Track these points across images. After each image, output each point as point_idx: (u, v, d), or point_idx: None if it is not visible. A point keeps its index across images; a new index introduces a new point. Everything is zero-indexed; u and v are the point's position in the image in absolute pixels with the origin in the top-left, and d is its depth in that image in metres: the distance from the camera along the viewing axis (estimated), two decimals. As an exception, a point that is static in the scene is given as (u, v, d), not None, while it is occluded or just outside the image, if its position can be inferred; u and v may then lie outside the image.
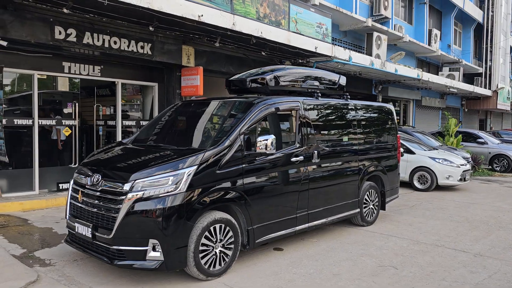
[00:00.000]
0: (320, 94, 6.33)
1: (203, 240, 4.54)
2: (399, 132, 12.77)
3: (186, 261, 4.43)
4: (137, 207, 4.28)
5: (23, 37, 7.05)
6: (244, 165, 4.94)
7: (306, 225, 5.86)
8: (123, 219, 4.29)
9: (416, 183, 11.42)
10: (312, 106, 6.07)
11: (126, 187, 4.35)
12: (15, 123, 7.98)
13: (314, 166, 5.92)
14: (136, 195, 4.30)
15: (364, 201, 7.03)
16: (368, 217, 7.15)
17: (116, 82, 9.53)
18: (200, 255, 4.52)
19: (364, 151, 6.96)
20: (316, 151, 5.93)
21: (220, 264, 4.75)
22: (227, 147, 4.79)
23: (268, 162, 5.23)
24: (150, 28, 8.29)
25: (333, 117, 6.53)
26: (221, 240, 4.72)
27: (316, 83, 6.68)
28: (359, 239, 6.41)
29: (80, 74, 8.81)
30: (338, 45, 14.11)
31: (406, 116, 22.88)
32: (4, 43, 6.86)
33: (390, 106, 8.00)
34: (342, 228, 6.99)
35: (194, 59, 9.90)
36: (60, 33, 7.47)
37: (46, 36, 7.31)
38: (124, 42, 8.46)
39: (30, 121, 8.12)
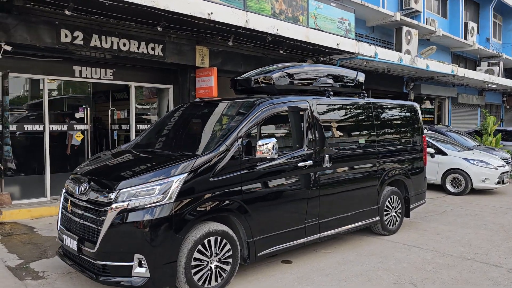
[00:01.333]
0: (331, 93, 5.81)
1: (196, 255, 4.15)
2: (430, 132, 12.07)
3: (175, 278, 4.05)
4: (121, 219, 3.93)
5: (27, 41, 6.93)
6: (242, 172, 4.52)
7: (317, 235, 5.36)
8: (107, 231, 3.96)
9: (448, 187, 10.62)
10: (322, 106, 5.57)
11: (111, 197, 4.02)
12: (26, 129, 7.90)
13: (326, 171, 5.42)
14: (121, 205, 3.95)
15: (385, 208, 6.44)
16: (390, 226, 6.55)
17: (129, 86, 9.34)
18: (193, 271, 4.14)
19: (384, 153, 6.37)
20: (327, 155, 5.42)
21: (216, 280, 4.34)
22: (223, 152, 4.39)
23: (270, 168, 4.77)
24: (159, 29, 8.01)
25: (348, 117, 6.00)
26: (217, 254, 4.32)
27: (330, 80, 6.17)
28: (378, 251, 5.84)
29: (91, 78, 8.66)
30: (364, 41, 13.44)
31: (442, 115, 21.74)
32: (9, 48, 6.75)
33: (414, 104, 7.35)
34: (361, 238, 6.43)
35: (208, 60, 9.57)
36: (66, 36, 7.31)
37: (51, 40, 7.16)
38: (134, 44, 8.23)
39: (41, 126, 8.02)
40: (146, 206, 3.94)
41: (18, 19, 6.82)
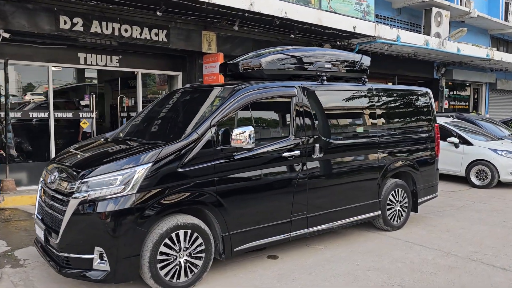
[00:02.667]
0: (325, 78, 5.41)
1: (162, 249, 3.95)
2: (456, 121, 11.30)
3: (138, 272, 3.87)
4: (81, 210, 3.78)
5: (25, 28, 6.91)
6: (217, 162, 4.25)
7: (305, 230, 5.03)
8: (68, 222, 3.82)
9: (473, 179, 9.92)
10: (313, 93, 5.19)
11: (73, 186, 3.88)
12: (31, 116, 7.96)
13: (316, 162, 5.06)
14: (82, 196, 3.80)
15: (389, 201, 6.00)
16: (393, 221, 6.11)
17: (136, 72, 9.24)
18: (160, 265, 3.94)
19: (386, 143, 5.92)
20: (317, 145, 5.06)
21: (186, 276, 4.13)
22: (193, 141, 4.13)
23: (250, 158, 4.48)
24: (158, 13, 7.81)
25: (344, 104, 5.58)
26: (186, 249, 4.10)
27: (328, 65, 5.74)
28: (376, 248, 5.45)
29: (97, 65, 8.61)
30: (389, 24, 12.73)
31: (478, 102, 20.53)
32: (7, 35, 6.75)
33: (426, 90, 6.79)
34: (361, 233, 6.04)
35: (216, 45, 9.30)
36: (65, 22, 7.24)
37: (50, 27, 7.11)
38: (136, 30, 8.08)
39: (46, 113, 8.07)
40: (107, 197, 3.76)
41: (16, 6, 6.80)
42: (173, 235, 4.01)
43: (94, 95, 8.71)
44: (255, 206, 4.57)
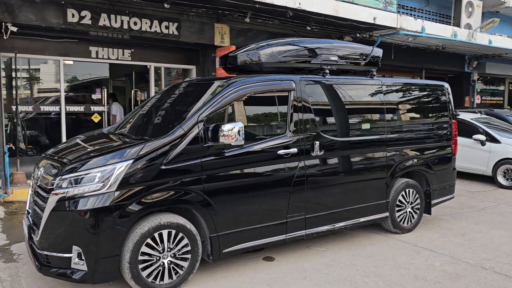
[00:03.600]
0: (327, 72, 5.11)
1: (144, 249, 3.81)
2: (484, 117, 10.64)
3: (117, 273, 3.74)
4: (60, 207, 3.68)
5: (32, 22, 6.92)
6: (204, 160, 4.06)
7: (303, 232, 4.78)
8: (47, 220, 3.73)
9: (500, 179, 9.31)
10: (314, 86, 4.90)
11: (53, 182, 3.78)
12: (42, 109, 8.02)
13: (315, 161, 4.79)
14: (61, 192, 3.69)
15: (398, 203, 5.65)
16: (403, 223, 5.75)
17: (148, 66, 9.17)
18: (141, 266, 3.80)
19: (396, 141, 5.56)
20: (317, 142, 4.78)
21: (171, 277, 3.98)
22: (179, 138, 3.95)
23: (240, 156, 4.26)
24: (166, 5, 7.66)
25: (349, 99, 5.24)
26: (170, 249, 3.94)
27: (334, 58, 5.43)
28: (380, 252, 5.13)
29: (108, 58, 8.59)
30: (415, 15, 12.14)
31: (514, 97, 19.43)
32: (15, 29, 6.78)
33: (442, 84, 6.35)
34: (368, 235, 5.72)
35: (229, 38, 9.09)
36: (73, 16, 7.21)
37: (58, 20, 7.10)
38: (146, 23, 7.98)
39: (58, 107, 8.11)
40: (85, 195, 3.64)
41: (23, 0, 6.81)
42: (156, 235, 3.86)
43: (105, 89, 8.69)
44: (246, 206, 4.35)
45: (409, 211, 5.80)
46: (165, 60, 9.40)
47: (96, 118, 8.56)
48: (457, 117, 10.16)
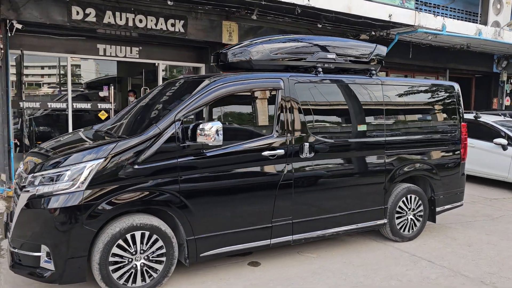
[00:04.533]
0: (320, 70, 4.87)
1: (115, 250, 3.71)
2: (508, 119, 10.05)
3: (86, 273, 3.65)
4: (30, 205, 3.62)
5: (37, 19, 6.98)
6: (181, 160, 3.92)
7: (289, 237, 4.57)
8: (18, 217, 3.69)
9: (522, 186, 8.77)
10: (304, 85, 4.68)
11: (25, 180, 3.74)
12: (49, 106, 8.11)
13: (304, 163, 4.57)
14: (32, 190, 3.64)
15: (398, 209, 5.35)
16: (404, 231, 5.44)
17: (156, 64, 9.13)
18: (112, 268, 3.70)
19: (395, 144, 5.26)
20: (307, 144, 4.56)
21: (144, 280, 3.86)
22: (154, 137, 3.83)
23: (220, 157, 4.10)
24: (169, 3, 7.58)
25: (343, 99, 4.99)
26: (144, 251, 3.82)
27: (332, 55, 5.19)
28: (374, 260, 4.85)
29: (116, 56, 8.60)
30: (434, 12, 11.63)
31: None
32: (19, 26, 6.85)
33: (451, 85, 5.97)
34: (365, 242, 5.45)
35: (237, 36, 8.94)
36: (77, 13, 7.24)
37: (62, 17, 7.14)
38: (151, 20, 7.93)
39: (64, 104, 8.18)
40: (54, 193, 3.57)
41: (28, -3, 6.89)
42: (128, 236, 3.75)
43: (112, 87, 8.71)
44: (227, 209, 4.18)
45: (411, 219, 5.49)
46: (174, 58, 9.34)
47: (103, 116, 8.59)
48: (478, 119, 9.67)
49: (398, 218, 5.37)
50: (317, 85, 4.80)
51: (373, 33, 10.27)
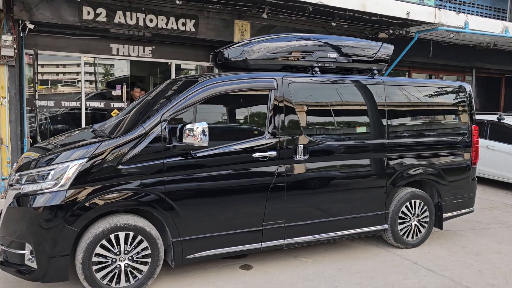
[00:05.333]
0: (317, 70, 4.73)
1: (99, 250, 3.71)
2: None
3: (68, 273, 3.67)
4: (15, 203, 3.68)
5: (49, 19, 7.13)
6: (167, 161, 3.88)
7: (281, 241, 4.46)
8: (5, 215, 3.76)
9: (547, 192, 8.30)
10: (299, 86, 4.55)
11: (12, 178, 3.80)
12: (63, 104, 8.28)
13: (298, 165, 4.45)
14: (17, 189, 3.70)
15: (401, 214, 5.14)
16: (407, 237, 5.23)
17: (169, 63, 9.17)
18: (95, 267, 3.71)
19: (398, 147, 5.05)
20: (301, 146, 4.43)
21: (128, 281, 3.85)
22: (139, 137, 3.81)
23: (208, 158, 4.04)
24: (178, 2, 7.57)
25: (342, 100, 4.82)
26: (128, 252, 3.81)
27: (333, 55, 5.04)
28: (372, 267, 4.68)
29: (129, 55, 8.68)
30: (459, 9, 11.17)
31: None
32: (31, 26, 7.01)
33: (461, 85, 5.68)
34: (366, 248, 5.27)
35: (249, 35, 8.85)
36: (88, 13, 7.35)
37: (73, 18, 7.27)
38: (162, 20, 7.96)
39: (78, 103, 8.33)
40: (38, 192, 3.60)
41: (40, -2, 7.04)
42: (112, 236, 3.74)
43: (125, 86, 8.81)
44: (214, 211, 4.11)
45: (415, 225, 5.26)
46: (186, 57, 9.35)
47: (115, 114, 8.69)
48: (502, 121, 9.22)
49: (401, 223, 5.16)
50: (313, 85, 4.66)
51: (391, 31, 9.96)
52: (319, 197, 4.63)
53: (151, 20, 7.90)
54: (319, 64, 4.92)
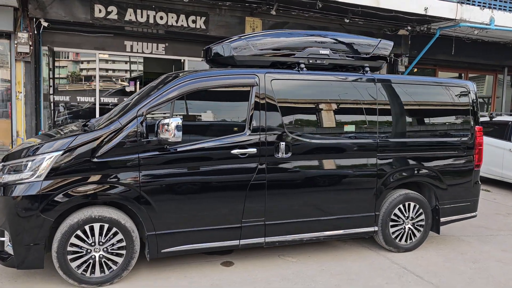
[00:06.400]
0: (303, 67, 4.64)
1: (74, 240, 3.82)
2: None
3: (42, 261, 3.80)
4: (-2, 192, 3.85)
5: (62, 17, 7.39)
6: (142, 155, 3.94)
7: (261, 239, 4.42)
8: (-12, 203, 3.93)
9: None
10: (282, 82, 4.48)
11: (-2, 169, 3.98)
12: (78, 100, 8.57)
13: (280, 163, 4.40)
14: (0, 178, 3.87)
15: (394, 217, 4.98)
16: (400, 240, 5.05)
17: (182, 60, 9.29)
18: (70, 257, 3.82)
19: (391, 147, 4.88)
20: (282, 143, 4.38)
21: (103, 272, 3.94)
22: (114, 131, 3.89)
23: (185, 153, 4.07)
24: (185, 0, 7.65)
25: (330, 97, 4.71)
26: (102, 243, 3.90)
27: (325, 51, 4.94)
28: (357, 270, 4.55)
29: (143, 52, 8.88)
30: (484, 4, 10.65)
31: None
32: (45, 24, 7.30)
33: (464, 84, 5.41)
34: (357, 250, 5.14)
35: (261, 32, 8.81)
36: (100, 11, 7.57)
37: (85, 15, 7.51)
38: (172, 17, 8.08)
39: (93, 98, 8.60)
40: (16, 182, 3.75)
41: (53, -3, 7.31)
42: (87, 227, 3.84)
43: (138, 82, 9.01)
44: (191, 207, 4.14)
45: (409, 228, 5.08)
46: (198, 55, 9.37)
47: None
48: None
49: (393, 226, 5.00)
50: (298, 82, 4.58)
51: (408, 27, 9.64)
52: (301, 197, 4.55)
53: (161, 18, 8.03)
54: (310, 61, 4.84)
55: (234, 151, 4.21)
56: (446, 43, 10.72)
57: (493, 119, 8.95)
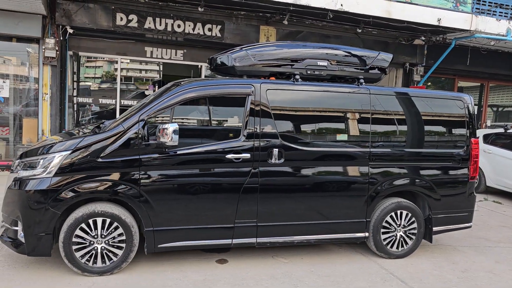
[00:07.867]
0: (298, 78, 4.88)
1: (78, 232, 4.21)
2: None
3: (50, 250, 4.20)
4: (13, 186, 4.28)
5: (86, 25, 7.90)
6: (143, 157, 4.30)
7: (253, 239, 4.70)
8: (5, 196, 4.37)
9: None
10: (277, 92, 4.75)
11: (14, 164, 4.42)
12: (100, 102, 9.08)
13: (272, 169, 4.66)
14: (16, 173, 4.30)
15: (385, 224, 5.15)
16: (392, 247, 5.21)
17: (199, 66, 9.67)
18: (75, 247, 4.21)
19: (383, 156, 5.06)
20: (275, 150, 4.64)
21: (104, 262, 4.31)
22: (118, 134, 4.26)
23: (183, 156, 4.40)
24: (199, 9, 8.02)
25: (322, 107, 4.94)
26: (104, 236, 4.27)
27: (323, 63, 5.18)
28: (344, 273, 4.75)
29: (162, 58, 9.31)
30: (505, 15, 10.55)
31: None
32: (71, 30, 7.82)
33: (460, 96, 5.51)
34: (350, 254, 5.33)
35: (275, 41, 9.10)
36: (121, 19, 8.03)
37: (107, 23, 7.98)
38: (189, 25, 8.47)
39: (114, 100, 9.10)
40: (30, 177, 4.18)
41: (79, 5, 7.83)
42: (91, 221, 4.22)
43: (157, 86, 9.44)
44: (186, 206, 4.46)
45: (400, 235, 5.23)
46: (216, 61, 9.77)
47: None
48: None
49: (384, 233, 5.16)
50: (293, 92, 4.83)
51: (422, 38, 9.70)
52: (293, 201, 4.79)
53: (179, 26, 8.44)
54: (308, 72, 5.09)
55: (229, 156, 4.51)
56: (464, 53, 10.70)
57: (508, 131, 8.90)
